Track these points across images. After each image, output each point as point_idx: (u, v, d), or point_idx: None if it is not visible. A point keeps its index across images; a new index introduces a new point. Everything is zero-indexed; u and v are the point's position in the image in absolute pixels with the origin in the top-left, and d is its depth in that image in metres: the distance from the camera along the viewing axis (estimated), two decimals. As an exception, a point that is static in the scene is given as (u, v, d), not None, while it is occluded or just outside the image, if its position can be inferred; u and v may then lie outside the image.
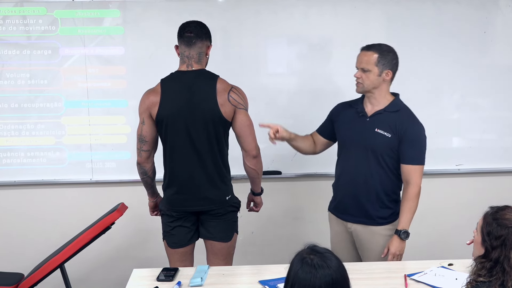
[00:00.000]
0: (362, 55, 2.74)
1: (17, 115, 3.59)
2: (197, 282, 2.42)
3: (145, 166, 2.79)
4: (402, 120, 2.73)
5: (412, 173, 2.72)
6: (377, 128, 2.73)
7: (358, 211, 2.80)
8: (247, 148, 2.74)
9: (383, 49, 2.72)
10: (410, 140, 2.71)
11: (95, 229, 3.01)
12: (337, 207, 2.90)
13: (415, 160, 2.73)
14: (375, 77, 2.71)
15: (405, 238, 2.72)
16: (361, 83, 2.74)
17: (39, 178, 3.66)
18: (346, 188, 2.84)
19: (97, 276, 3.80)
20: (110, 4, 3.52)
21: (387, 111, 2.75)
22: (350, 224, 2.84)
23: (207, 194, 2.74)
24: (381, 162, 2.74)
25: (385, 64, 2.70)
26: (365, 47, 2.76)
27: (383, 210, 2.79)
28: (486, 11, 3.65)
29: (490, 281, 1.84)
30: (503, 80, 3.73)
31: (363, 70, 2.71)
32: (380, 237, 2.79)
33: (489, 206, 1.97)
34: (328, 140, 2.98)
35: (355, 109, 2.82)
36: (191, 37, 2.67)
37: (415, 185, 2.72)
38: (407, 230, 2.72)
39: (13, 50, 3.53)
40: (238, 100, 2.70)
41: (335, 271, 1.55)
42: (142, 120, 2.72)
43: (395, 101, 2.78)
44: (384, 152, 2.73)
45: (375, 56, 2.69)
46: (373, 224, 2.79)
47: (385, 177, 2.76)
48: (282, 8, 3.56)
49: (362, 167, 2.76)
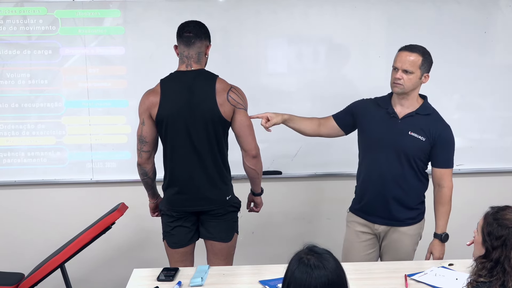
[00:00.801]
0: (406, 55, 2.66)
1: (18, 115, 3.59)
2: (197, 282, 2.42)
3: (145, 167, 2.79)
4: (435, 124, 2.73)
5: (445, 176, 2.75)
6: (410, 131, 2.71)
7: (387, 213, 2.79)
8: (247, 148, 2.74)
9: (426, 52, 2.68)
10: (443, 144, 2.72)
11: (95, 229, 3.01)
12: (364, 209, 2.86)
13: (447, 163, 2.76)
14: (417, 79, 2.67)
15: (446, 241, 2.79)
16: (402, 84, 2.66)
17: (40, 178, 3.66)
18: (375, 191, 2.79)
19: (97, 276, 3.80)
20: (110, 4, 3.52)
21: (419, 114, 2.73)
22: (378, 226, 2.83)
23: (207, 194, 2.74)
24: (413, 165, 2.73)
25: (426, 67, 2.68)
26: (407, 47, 2.69)
27: (412, 212, 2.81)
28: (486, 11, 3.65)
29: (490, 282, 1.84)
30: (503, 80, 3.73)
31: (406, 71, 2.64)
32: (407, 237, 2.82)
33: (490, 206, 1.97)
34: (340, 129, 2.91)
35: (385, 110, 2.76)
36: (190, 37, 2.67)
37: (448, 188, 2.76)
38: (447, 232, 2.78)
39: (14, 50, 3.53)
40: (237, 100, 2.70)
41: (331, 272, 1.55)
42: (142, 120, 2.72)
43: (425, 104, 2.77)
44: (416, 155, 2.72)
45: (421, 59, 2.65)
46: (402, 225, 2.80)
47: (416, 179, 2.77)
48: (282, 8, 3.56)
49: (394, 170, 2.73)
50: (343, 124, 2.90)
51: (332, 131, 2.94)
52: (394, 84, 2.69)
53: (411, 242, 2.83)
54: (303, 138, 3.64)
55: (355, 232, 2.89)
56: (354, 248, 2.87)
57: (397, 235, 2.81)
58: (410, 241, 2.82)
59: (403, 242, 2.81)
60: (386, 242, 2.85)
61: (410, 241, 2.82)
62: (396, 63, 2.69)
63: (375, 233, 2.86)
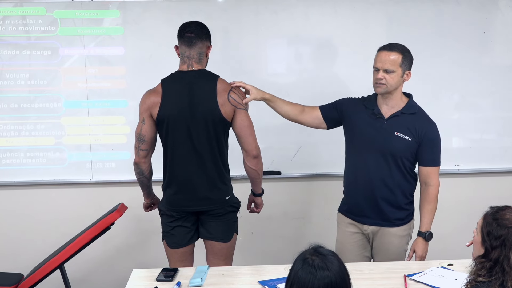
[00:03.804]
0: (385, 55, 2.65)
1: (17, 115, 3.59)
2: (196, 283, 2.42)
3: (142, 166, 2.79)
4: (421, 122, 2.72)
5: (431, 174, 2.75)
6: (396, 131, 2.70)
7: (375, 214, 2.79)
8: (247, 148, 2.74)
9: (405, 50, 2.68)
10: (429, 143, 2.72)
11: (95, 229, 3.01)
12: (352, 210, 2.86)
13: (434, 162, 2.75)
14: (398, 78, 2.66)
15: (430, 239, 2.77)
16: (384, 84, 2.65)
17: (39, 178, 3.66)
18: (363, 191, 2.79)
19: (97, 276, 3.79)
20: (109, 4, 3.52)
21: (404, 113, 2.72)
22: (367, 226, 2.83)
23: (206, 194, 2.74)
24: (400, 165, 2.73)
25: (407, 65, 2.67)
26: (386, 47, 2.68)
27: (401, 212, 2.80)
28: (486, 11, 3.65)
29: (489, 281, 1.84)
30: (503, 80, 3.73)
31: (387, 71, 2.64)
32: (396, 238, 2.81)
33: (489, 206, 1.97)
34: (323, 121, 2.86)
35: (371, 111, 2.76)
36: (191, 37, 2.67)
37: (434, 186, 2.75)
38: (431, 231, 2.76)
39: (13, 50, 3.53)
40: (238, 100, 2.70)
41: (335, 274, 1.55)
42: (142, 119, 2.73)
43: (411, 103, 2.76)
44: (404, 155, 2.72)
45: (400, 57, 2.64)
46: (391, 226, 2.80)
47: (403, 179, 2.76)
48: (282, 8, 3.56)
49: (381, 171, 2.73)
50: (328, 117, 2.86)
51: (314, 121, 2.88)
52: (376, 84, 2.68)
53: (401, 243, 2.82)
54: (302, 138, 3.67)
55: (346, 232, 2.89)
56: (346, 249, 2.87)
57: (387, 237, 2.80)
58: (400, 242, 2.82)
59: (393, 243, 2.81)
60: (376, 244, 2.85)
61: (400, 242, 2.82)
62: (376, 64, 2.68)
63: (365, 234, 2.86)
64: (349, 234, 2.87)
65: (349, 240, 2.87)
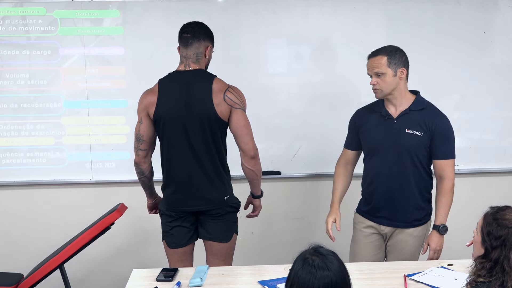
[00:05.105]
0: (371, 61, 2.71)
1: (17, 115, 3.59)
2: (196, 283, 2.42)
3: (142, 166, 2.79)
4: (430, 116, 2.72)
5: (446, 168, 2.74)
6: (407, 128, 2.72)
7: (393, 215, 2.80)
8: (244, 148, 2.72)
9: (389, 50, 2.70)
10: (441, 136, 2.72)
11: (95, 229, 3.01)
12: (371, 211, 2.87)
13: (448, 154, 2.75)
14: (391, 78, 2.68)
15: (444, 233, 2.76)
16: (379, 88, 2.70)
17: (39, 178, 3.66)
18: (381, 192, 2.80)
19: (97, 276, 3.79)
20: (109, 4, 3.52)
21: (413, 110, 2.73)
22: (384, 227, 2.84)
23: (205, 194, 2.74)
24: (415, 162, 2.74)
25: (397, 63, 2.68)
26: (371, 54, 2.73)
27: (418, 212, 2.80)
28: (486, 11, 3.65)
29: (490, 282, 1.84)
30: (503, 80, 3.73)
31: (377, 75, 2.68)
32: (412, 238, 2.81)
33: (489, 206, 1.97)
34: (357, 151, 2.94)
35: (378, 113, 2.78)
36: (188, 38, 2.69)
37: (449, 179, 2.75)
38: (445, 224, 2.75)
39: (13, 50, 3.53)
40: (234, 100, 2.69)
41: (335, 274, 1.55)
42: (140, 119, 2.73)
43: (418, 99, 2.77)
44: (418, 151, 2.73)
45: (384, 58, 2.67)
46: (408, 227, 2.80)
47: (419, 176, 2.77)
48: (282, 8, 3.56)
49: (397, 170, 2.74)
50: (356, 145, 2.92)
51: (355, 159, 2.97)
52: (373, 91, 2.74)
53: (416, 243, 2.82)
54: (302, 138, 3.67)
55: (362, 233, 2.90)
56: (361, 249, 2.88)
57: (403, 236, 2.81)
58: (415, 243, 2.82)
59: (408, 243, 2.81)
60: (391, 242, 2.85)
61: (415, 242, 2.82)
62: (368, 71, 2.74)
63: (381, 234, 2.86)
64: (366, 235, 2.88)
65: (365, 240, 2.88)
